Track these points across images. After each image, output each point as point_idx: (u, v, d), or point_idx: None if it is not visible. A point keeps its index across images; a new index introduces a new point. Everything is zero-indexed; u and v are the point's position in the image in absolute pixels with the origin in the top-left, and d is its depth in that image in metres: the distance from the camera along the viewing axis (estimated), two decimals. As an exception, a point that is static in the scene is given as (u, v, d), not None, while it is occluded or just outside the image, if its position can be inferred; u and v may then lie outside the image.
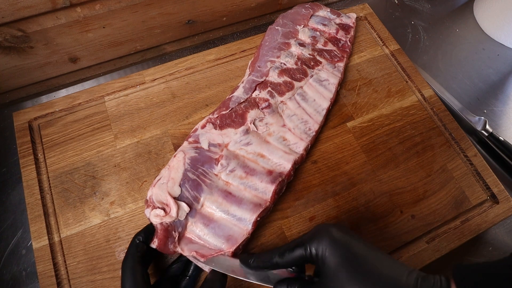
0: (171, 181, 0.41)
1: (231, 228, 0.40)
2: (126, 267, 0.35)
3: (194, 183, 0.41)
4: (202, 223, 0.40)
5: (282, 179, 0.43)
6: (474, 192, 0.48)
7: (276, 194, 0.43)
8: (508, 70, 0.66)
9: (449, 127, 0.53)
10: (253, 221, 0.40)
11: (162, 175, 0.42)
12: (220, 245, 0.39)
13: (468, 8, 0.75)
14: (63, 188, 0.44)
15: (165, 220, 0.38)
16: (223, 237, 0.39)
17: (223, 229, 0.40)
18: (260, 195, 0.42)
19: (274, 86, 0.51)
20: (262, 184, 0.43)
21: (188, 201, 0.40)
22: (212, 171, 0.43)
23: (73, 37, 0.52)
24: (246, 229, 0.40)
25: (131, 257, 0.35)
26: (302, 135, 0.48)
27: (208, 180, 0.42)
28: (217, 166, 0.43)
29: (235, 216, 0.41)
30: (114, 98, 0.51)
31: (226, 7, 0.61)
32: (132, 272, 0.34)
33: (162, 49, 0.64)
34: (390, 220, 0.45)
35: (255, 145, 0.46)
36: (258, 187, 0.43)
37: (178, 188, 0.40)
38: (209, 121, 0.47)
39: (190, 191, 0.41)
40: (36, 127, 0.48)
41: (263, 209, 0.41)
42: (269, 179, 0.43)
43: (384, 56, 0.59)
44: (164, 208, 0.39)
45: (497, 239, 0.50)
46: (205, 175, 0.42)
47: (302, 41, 0.56)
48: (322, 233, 0.32)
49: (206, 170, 0.43)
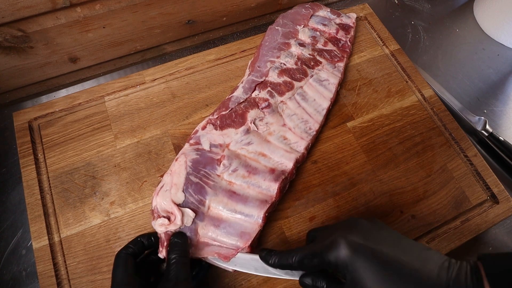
0: (174, 187, 0.40)
1: (242, 225, 0.40)
2: (119, 257, 0.36)
3: (197, 186, 0.41)
4: (212, 225, 0.40)
5: (285, 176, 0.44)
6: (474, 192, 0.48)
7: (281, 191, 0.43)
8: (508, 70, 0.66)
9: (449, 127, 0.53)
10: (262, 216, 0.40)
11: (164, 182, 0.41)
12: (235, 242, 0.39)
13: (468, 8, 0.74)
14: (63, 188, 0.44)
15: (170, 228, 0.38)
16: (236, 234, 0.39)
17: (234, 227, 0.40)
18: (265, 192, 0.42)
19: (273, 86, 0.51)
20: (265, 182, 0.43)
21: (194, 205, 0.40)
22: (214, 172, 0.43)
23: (73, 37, 0.52)
24: (257, 223, 0.40)
25: (125, 249, 0.36)
26: (303, 134, 0.48)
27: (211, 181, 0.42)
28: (219, 166, 0.43)
29: (243, 213, 0.41)
30: (114, 98, 0.51)
31: (226, 7, 0.61)
32: (124, 262, 0.35)
33: (162, 49, 0.64)
34: (390, 220, 0.45)
35: (256, 145, 0.46)
36: (262, 185, 0.43)
37: (181, 194, 0.40)
38: (209, 122, 0.47)
39: (194, 195, 0.41)
40: (36, 127, 0.48)
41: (269, 205, 0.41)
42: (272, 177, 0.43)
43: (384, 56, 0.59)
44: (169, 216, 0.39)
45: (497, 239, 0.50)
46: (208, 177, 0.42)
47: (302, 41, 0.56)
48: (340, 244, 0.31)
49: (208, 171, 0.43)
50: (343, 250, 0.31)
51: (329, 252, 0.32)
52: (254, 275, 0.40)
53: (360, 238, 0.32)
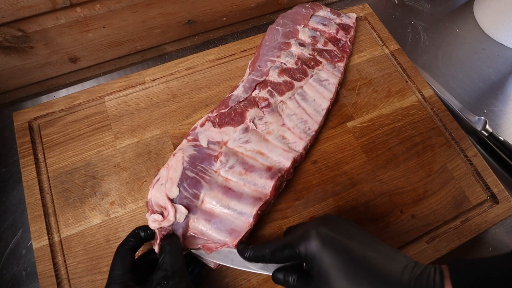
0: (169, 181, 0.41)
1: (233, 222, 0.40)
2: (119, 252, 0.35)
3: (193, 180, 0.41)
4: (204, 219, 0.40)
5: (281, 174, 0.44)
6: (474, 192, 0.48)
7: (276, 190, 0.43)
8: (508, 70, 0.66)
9: (449, 127, 0.53)
10: (254, 214, 0.40)
11: (161, 175, 0.42)
12: (224, 238, 0.39)
13: (468, 8, 0.74)
14: (63, 188, 0.44)
15: (164, 224, 0.38)
16: (226, 231, 0.40)
17: (225, 224, 0.40)
18: (260, 189, 0.42)
19: (274, 86, 0.51)
20: (261, 180, 0.43)
21: (188, 200, 0.40)
22: (211, 167, 0.43)
23: (73, 37, 0.52)
24: (248, 221, 0.40)
25: (126, 243, 0.36)
26: (302, 135, 0.48)
27: (208, 176, 0.42)
28: (216, 163, 0.43)
29: (236, 210, 0.41)
30: (114, 98, 0.51)
31: (226, 7, 0.61)
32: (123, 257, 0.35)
33: (162, 49, 0.64)
34: (390, 220, 0.45)
35: (254, 143, 0.46)
36: (258, 182, 0.43)
37: (176, 189, 0.40)
38: (208, 119, 0.47)
39: (189, 189, 0.41)
40: (36, 127, 0.48)
41: (263, 203, 0.41)
42: (268, 175, 0.43)
43: (384, 56, 0.59)
44: (162, 212, 0.39)
45: (497, 239, 0.50)
46: (204, 172, 0.42)
47: (302, 41, 0.56)
48: (310, 235, 0.32)
49: (205, 167, 0.43)
50: (313, 240, 0.31)
51: (300, 242, 0.32)
52: (254, 275, 0.41)
53: (331, 230, 0.32)
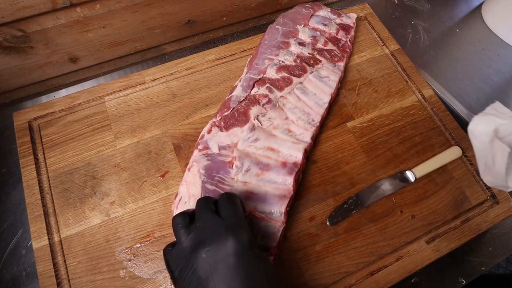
0: (192, 198, 0.41)
1: (265, 226, 0.40)
2: None
3: (214, 194, 0.41)
4: None
5: (298, 169, 0.44)
6: (474, 192, 0.48)
7: (296, 183, 0.44)
8: (508, 70, 0.66)
9: (449, 127, 0.53)
10: (284, 212, 0.41)
11: (181, 194, 0.42)
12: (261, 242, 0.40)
13: (468, 8, 0.75)
14: (63, 188, 0.44)
15: None
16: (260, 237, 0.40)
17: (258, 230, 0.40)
18: (281, 187, 0.43)
19: (272, 82, 0.51)
20: (280, 176, 0.43)
21: None
22: (228, 175, 0.43)
23: (73, 37, 0.52)
24: (280, 220, 0.40)
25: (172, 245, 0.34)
26: (306, 126, 0.48)
27: (227, 186, 0.42)
28: (232, 169, 0.43)
29: (264, 212, 0.41)
30: (114, 98, 0.51)
31: (226, 7, 0.61)
32: None
33: (162, 49, 0.64)
34: (390, 220, 0.45)
35: (263, 140, 0.46)
36: (277, 180, 0.43)
37: None
38: (213, 124, 0.47)
39: None
40: (36, 127, 0.48)
41: (289, 199, 0.42)
42: (285, 171, 0.43)
43: (384, 56, 0.59)
44: None
45: (497, 239, 0.49)
46: (223, 182, 0.42)
47: (302, 41, 0.56)
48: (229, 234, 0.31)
49: (222, 176, 0.43)
50: None
51: None
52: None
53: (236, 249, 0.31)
